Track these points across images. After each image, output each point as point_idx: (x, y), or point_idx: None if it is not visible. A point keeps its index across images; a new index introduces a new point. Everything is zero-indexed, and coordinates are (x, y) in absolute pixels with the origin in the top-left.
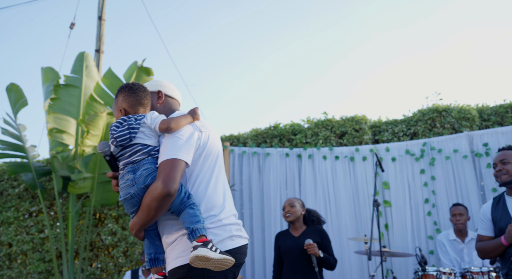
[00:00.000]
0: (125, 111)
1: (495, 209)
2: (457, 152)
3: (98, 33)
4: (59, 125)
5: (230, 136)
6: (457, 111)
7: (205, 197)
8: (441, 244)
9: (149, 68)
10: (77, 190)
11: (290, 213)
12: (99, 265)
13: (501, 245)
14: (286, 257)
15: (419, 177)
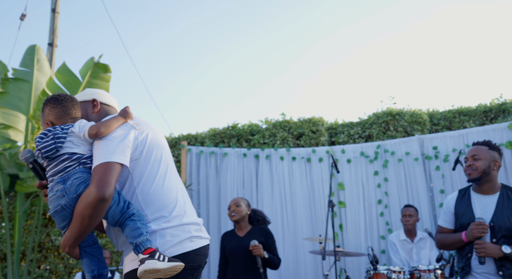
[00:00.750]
0: (52, 124)
1: (459, 203)
2: (408, 155)
3: (51, 26)
4: (7, 121)
5: (188, 135)
6: (409, 115)
7: (155, 196)
8: (392, 244)
9: (106, 64)
10: (25, 188)
11: (235, 212)
12: (48, 267)
13: (460, 241)
14: (231, 257)
15: (372, 179)
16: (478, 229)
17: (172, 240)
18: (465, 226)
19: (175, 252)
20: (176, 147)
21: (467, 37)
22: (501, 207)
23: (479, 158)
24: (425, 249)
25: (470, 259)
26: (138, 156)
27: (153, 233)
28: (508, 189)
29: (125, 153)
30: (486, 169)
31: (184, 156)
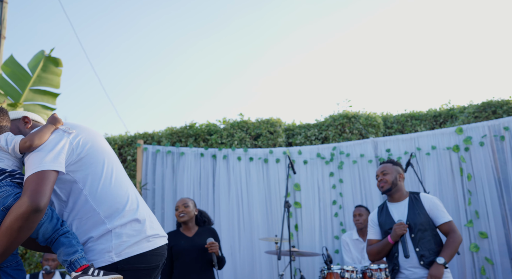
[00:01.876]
0: None
1: (380, 215)
2: (363, 157)
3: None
4: None
5: (144, 134)
6: (364, 118)
7: (105, 194)
8: (345, 244)
9: (57, 58)
10: None
11: (184, 213)
12: None
13: (388, 244)
14: (180, 258)
15: (328, 180)
16: (400, 228)
17: (128, 241)
18: (388, 232)
19: (132, 253)
20: (132, 145)
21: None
22: (412, 208)
23: (387, 172)
24: None
25: (398, 258)
26: (76, 159)
27: (108, 233)
28: (414, 193)
29: (59, 159)
30: (394, 181)
31: (140, 155)
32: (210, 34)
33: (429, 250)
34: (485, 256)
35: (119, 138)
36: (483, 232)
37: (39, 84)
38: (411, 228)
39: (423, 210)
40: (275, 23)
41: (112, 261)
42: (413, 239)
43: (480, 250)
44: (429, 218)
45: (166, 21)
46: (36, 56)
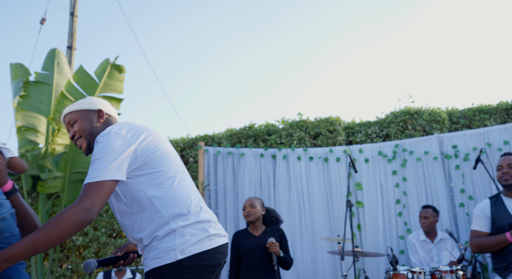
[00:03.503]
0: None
1: (495, 208)
2: (427, 154)
3: (70, 30)
4: (29, 123)
5: (205, 136)
6: (428, 113)
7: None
8: (411, 244)
9: (121, 65)
10: (47, 189)
11: (251, 213)
12: (70, 266)
13: (505, 241)
14: (247, 256)
15: (391, 178)
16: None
17: (191, 239)
18: (504, 228)
19: (195, 251)
20: (194, 147)
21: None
22: None
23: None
24: (446, 249)
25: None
26: (140, 164)
27: (172, 232)
28: None
29: (121, 168)
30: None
31: (202, 157)
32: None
33: None
34: None
35: (181, 141)
36: None
37: (105, 91)
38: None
39: None
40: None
41: (177, 259)
42: None
43: None
44: None
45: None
46: (102, 64)
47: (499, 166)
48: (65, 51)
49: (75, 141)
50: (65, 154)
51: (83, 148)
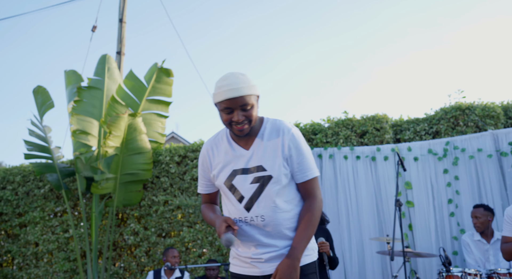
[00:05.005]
0: None
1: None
2: (481, 151)
3: (119, 36)
4: (82, 127)
5: None
6: (481, 109)
7: None
8: (466, 244)
9: (169, 69)
10: (100, 190)
11: None
12: (122, 265)
13: None
14: None
15: (442, 177)
16: None
17: None
18: None
19: None
20: None
21: None
22: None
23: None
24: None
25: None
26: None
27: None
28: None
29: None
30: None
31: None
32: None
33: None
34: None
35: None
36: None
37: (154, 94)
38: None
39: None
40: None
41: (314, 259)
42: None
43: None
44: None
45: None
46: (151, 68)
47: None
48: (114, 57)
49: (239, 124)
50: (116, 156)
51: (243, 133)
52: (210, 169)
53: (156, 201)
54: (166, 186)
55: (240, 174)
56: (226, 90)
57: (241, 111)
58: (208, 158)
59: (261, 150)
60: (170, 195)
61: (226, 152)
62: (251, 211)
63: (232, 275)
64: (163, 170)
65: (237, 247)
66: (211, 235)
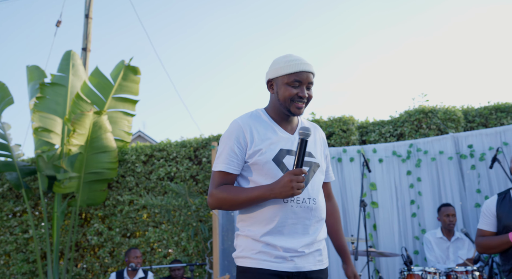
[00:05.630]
0: None
1: (501, 206)
2: (442, 154)
3: (85, 32)
4: (45, 124)
5: (218, 136)
6: (443, 112)
7: None
8: (428, 242)
9: (136, 67)
10: (62, 189)
11: None
12: (85, 266)
13: (507, 242)
14: None
15: (405, 178)
16: None
17: None
18: (509, 227)
19: None
20: (207, 148)
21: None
22: None
23: None
24: (463, 249)
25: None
26: None
27: None
28: None
29: None
30: None
31: (215, 157)
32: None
33: None
34: None
35: (194, 141)
36: None
37: (120, 92)
38: None
39: None
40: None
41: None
42: None
43: None
44: None
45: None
46: (117, 66)
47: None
48: (80, 53)
49: (301, 101)
50: (80, 154)
51: (300, 112)
52: (249, 145)
53: (121, 200)
54: (132, 185)
55: (288, 155)
56: (299, 63)
57: (306, 89)
58: (248, 133)
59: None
60: (135, 195)
61: (272, 130)
62: (303, 192)
63: (253, 270)
64: (129, 169)
65: (275, 238)
66: (177, 235)
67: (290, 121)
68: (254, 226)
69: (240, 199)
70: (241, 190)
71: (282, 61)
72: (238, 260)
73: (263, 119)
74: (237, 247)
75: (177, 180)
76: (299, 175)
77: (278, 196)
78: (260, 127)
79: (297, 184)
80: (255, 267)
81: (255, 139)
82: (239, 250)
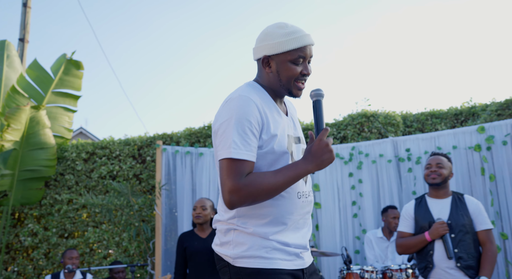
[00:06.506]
0: None
1: (418, 209)
2: (382, 157)
3: (22, 21)
4: None
5: (163, 135)
6: (383, 117)
7: None
8: (369, 241)
9: (79, 61)
10: None
11: (201, 215)
12: (16, 269)
13: (424, 241)
14: (194, 259)
15: (347, 180)
16: (443, 227)
17: None
18: (425, 228)
19: None
20: (151, 146)
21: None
22: (455, 208)
23: (442, 166)
24: None
25: (433, 256)
26: None
27: None
28: (457, 194)
29: None
30: (447, 177)
31: (159, 156)
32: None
33: (467, 254)
34: (506, 258)
35: (139, 139)
36: (503, 234)
37: (61, 87)
38: (452, 228)
39: (467, 212)
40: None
41: None
42: (453, 240)
43: (501, 251)
44: (471, 221)
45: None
46: (58, 59)
47: (428, 165)
48: (16, 44)
49: (302, 83)
50: (14, 151)
51: (301, 92)
52: (265, 128)
53: (59, 199)
54: (71, 184)
55: (294, 142)
56: (302, 35)
57: (308, 64)
58: (262, 113)
59: (294, 120)
60: (75, 194)
61: (277, 112)
62: (307, 185)
63: (269, 272)
64: (69, 167)
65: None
66: (118, 236)
67: (282, 101)
68: (263, 223)
69: (278, 185)
70: (273, 175)
71: (280, 34)
72: (244, 261)
73: (267, 97)
74: (238, 245)
75: (119, 179)
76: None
77: (320, 167)
78: (267, 107)
79: (331, 148)
80: (271, 268)
81: (270, 124)
82: (244, 248)
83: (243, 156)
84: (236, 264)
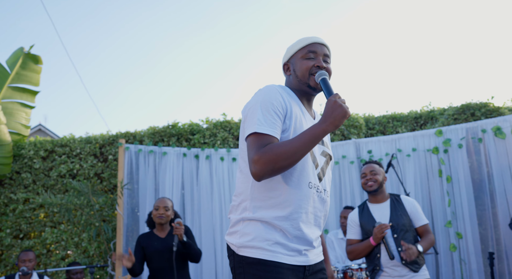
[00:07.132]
0: None
1: (362, 215)
2: (345, 158)
3: None
4: None
5: (126, 133)
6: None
7: None
8: (330, 242)
9: (37, 56)
10: None
11: (163, 216)
12: None
13: (370, 245)
14: (154, 259)
15: None
16: (380, 231)
17: None
18: (370, 233)
19: None
20: (114, 145)
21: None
22: (394, 209)
23: (376, 173)
24: None
25: (380, 258)
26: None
27: None
28: (394, 195)
29: None
30: (382, 182)
31: (122, 155)
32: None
33: None
34: (460, 256)
35: (101, 137)
36: (458, 233)
37: (18, 82)
38: (394, 229)
39: (405, 212)
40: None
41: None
42: (396, 239)
43: (456, 250)
44: (410, 219)
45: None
46: (15, 53)
47: (363, 174)
48: None
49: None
50: None
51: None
52: (287, 114)
53: (15, 199)
54: (28, 182)
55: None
56: (311, 36)
57: (323, 62)
58: (286, 102)
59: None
60: (32, 193)
61: (299, 108)
62: (322, 182)
63: (269, 263)
64: (26, 165)
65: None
66: (77, 236)
67: (311, 105)
68: (270, 208)
69: (295, 147)
70: (290, 140)
71: (294, 43)
72: (246, 250)
73: (293, 94)
74: (244, 235)
75: (80, 177)
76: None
77: (335, 123)
78: (291, 99)
79: (344, 103)
80: (271, 260)
81: (292, 113)
82: (248, 238)
83: (266, 131)
84: (240, 252)
